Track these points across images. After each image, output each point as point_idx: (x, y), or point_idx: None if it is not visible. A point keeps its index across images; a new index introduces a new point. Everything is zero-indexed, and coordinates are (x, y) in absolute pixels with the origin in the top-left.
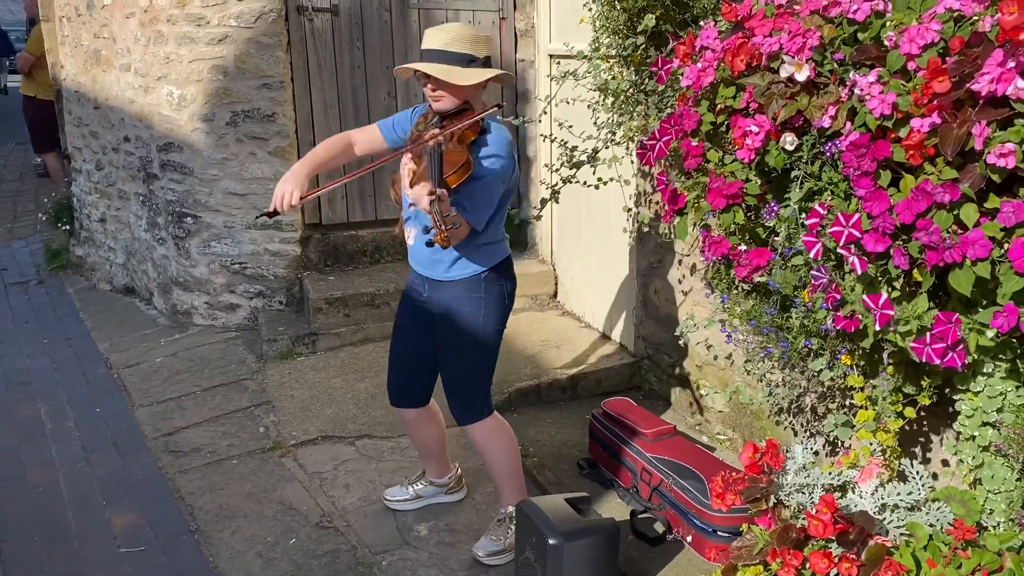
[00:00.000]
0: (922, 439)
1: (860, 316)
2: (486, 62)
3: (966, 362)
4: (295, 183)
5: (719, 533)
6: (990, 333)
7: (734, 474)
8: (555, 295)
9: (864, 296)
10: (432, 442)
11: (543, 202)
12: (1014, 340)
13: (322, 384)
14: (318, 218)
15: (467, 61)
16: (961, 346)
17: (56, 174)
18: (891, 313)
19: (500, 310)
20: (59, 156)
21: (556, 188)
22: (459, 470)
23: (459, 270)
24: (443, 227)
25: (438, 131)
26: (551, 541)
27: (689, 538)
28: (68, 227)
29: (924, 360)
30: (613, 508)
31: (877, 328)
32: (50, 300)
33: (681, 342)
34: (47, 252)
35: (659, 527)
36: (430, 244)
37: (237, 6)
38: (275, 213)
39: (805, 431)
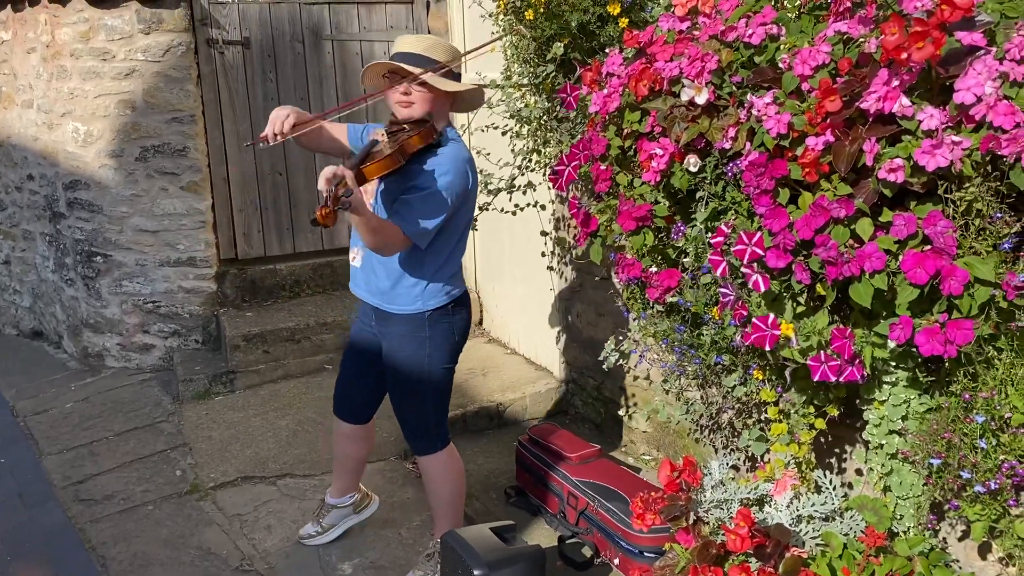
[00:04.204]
0: (837, 449)
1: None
2: (458, 78)
3: (865, 375)
4: (292, 110)
5: (645, 554)
6: (890, 345)
7: (654, 494)
8: (480, 322)
9: (754, 318)
10: (352, 459)
11: None
12: (913, 349)
13: (241, 423)
14: (234, 253)
15: (446, 72)
16: (859, 360)
17: None
18: (779, 333)
19: (448, 348)
20: None
21: (474, 216)
22: (358, 494)
23: (405, 304)
24: (328, 203)
25: (383, 131)
26: (476, 572)
27: (616, 561)
28: None
29: (820, 379)
30: (541, 534)
31: (767, 349)
32: None
33: (604, 366)
34: None
35: (587, 551)
36: (314, 223)
37: (144, 40)
38: (264, 141)
39: (725, 447)
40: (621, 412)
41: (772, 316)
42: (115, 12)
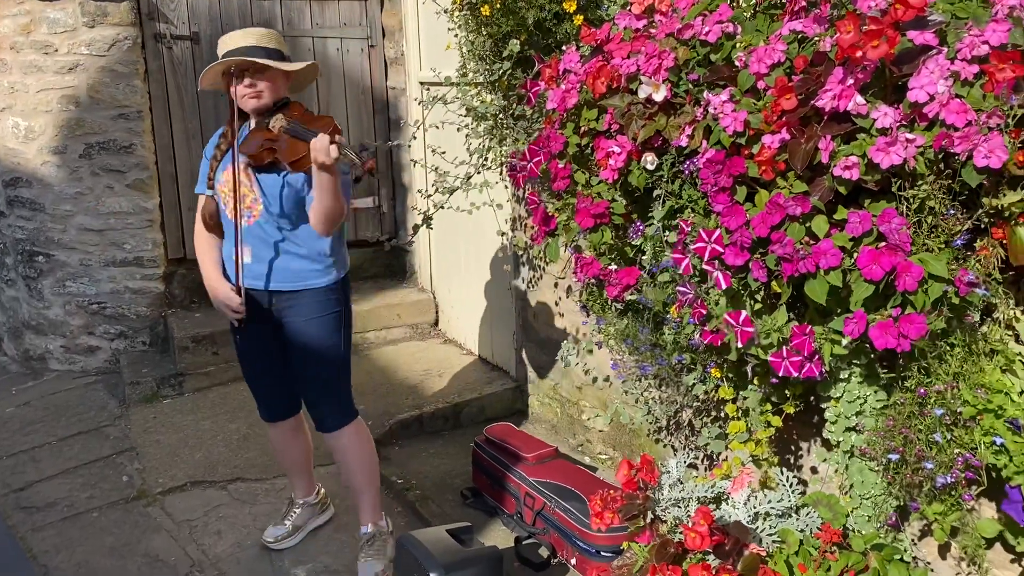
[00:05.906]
0: (794, 446)
1: (725, 330)
2: (288, 60)
3: (824, 371)
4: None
5: (602, 553)
6: (845, 341)
7: (612, 492)
8: (436, 323)
9: (725, 314)
10: (302, 454)
11: (415, 228)
12: (867, 345)
13: (190, 427)
14: (182, 252)
15: (280, 56)
16: (818, 356)
17: None
18: (751, 330)
19: (350, 313)
20: None
21: (428, 214)
22: (322, 488)
23: (318, 278)
24: (360, 156)
25: (281, 116)
26: (432, 574)
27: (573, 560)
28: None
29: (783, 374)
30: (498, 536)
31: (739, 345)
32: None
33: (563, 365)
34: None
35: (544, 552)
36: (357, 180)
37: (88, 33)
38: (245, 321)
39: (684, 447)
40: (585, 416)
41: (745, 314)
42: (58, 4)
